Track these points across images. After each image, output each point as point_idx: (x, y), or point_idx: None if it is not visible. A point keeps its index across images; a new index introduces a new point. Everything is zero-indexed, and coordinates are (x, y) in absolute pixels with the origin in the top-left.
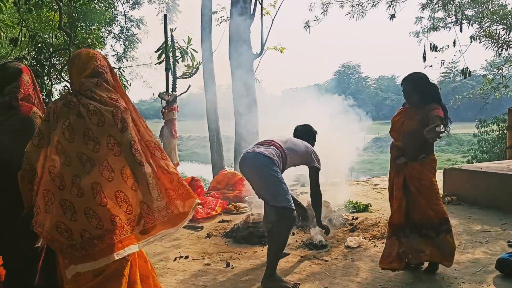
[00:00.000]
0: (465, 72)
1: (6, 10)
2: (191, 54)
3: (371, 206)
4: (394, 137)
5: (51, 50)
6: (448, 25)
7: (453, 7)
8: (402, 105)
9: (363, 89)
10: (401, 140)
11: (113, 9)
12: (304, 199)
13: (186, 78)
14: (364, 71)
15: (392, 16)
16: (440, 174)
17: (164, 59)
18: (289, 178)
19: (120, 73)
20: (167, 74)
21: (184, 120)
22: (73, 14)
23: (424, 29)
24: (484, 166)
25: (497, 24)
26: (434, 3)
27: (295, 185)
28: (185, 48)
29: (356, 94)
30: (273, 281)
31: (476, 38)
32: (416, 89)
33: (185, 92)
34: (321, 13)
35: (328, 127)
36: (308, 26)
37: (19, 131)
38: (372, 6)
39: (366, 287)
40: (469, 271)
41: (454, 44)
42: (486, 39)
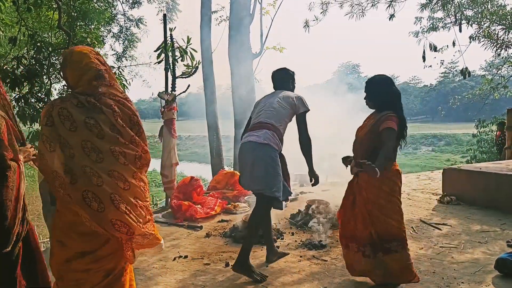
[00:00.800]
0: (465, 72)
1: (5, 9)
2: (191, 53)
3: None
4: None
5: (50, 49)
6: (447, 25)
7: (452, 7)
8: None
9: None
10: (352, 147)
11: (113, 8)
12: (304, 199)
13: (185, 77)
14: (363, 71)
15: (392, 16)
16: (439, 174)
17: (164, 59)
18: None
19: (120, 73)
20: (166, 73)
21: (184, 120)
22: (73, 13)
23: (423, 29)
24: (483, 166)
25: (496, 25)
26: (434, 3)
27: (294, 184)
28: (184, 47)
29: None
30: (244, 268)
31: (475, 38)
32: (373, 93)
33: (184, 91)
34: (321, 13)
35: (329, 127)
36: (308, 26)
37: None
38: (372, 6)
39: (364, 287)
40: (468, 271)
41: (454, 44)
42: (485, 39)
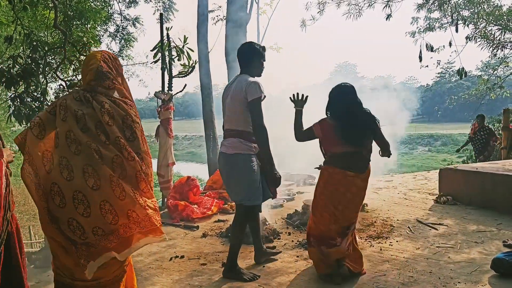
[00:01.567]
0: (461, 73)
1: (1, 8)
2: (187, 53)
3: (367, 206)
4: None
5: (46, 48)
6: (444, 26)
7: (449, 7)
8: None
9: (359, 89)
10: None
11: (109, 7)
12: (301, 199)
13: (182, 77)
14: (360, 71)
15: (389, 16)
16: (436, 174)
17: (160, 58)
18: (285, 177)
19: None
20: (163, 73)
21: (180, 120)
22: (69, 12)
23: (420, 29)
24: (479, 166)
25: (493, 25)
26: (430, 3)
27: (291, 184)
28: (181, 47)
29: None
30: (234, 272)
31: (472, 39)
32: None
33: (181, 91)
34: (318, 13)
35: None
36: (305, 25)
37: None
38: (369, 6)
39: (362, 287)
40: (464, 271)
41: (450, 44)
42: (482, 39)
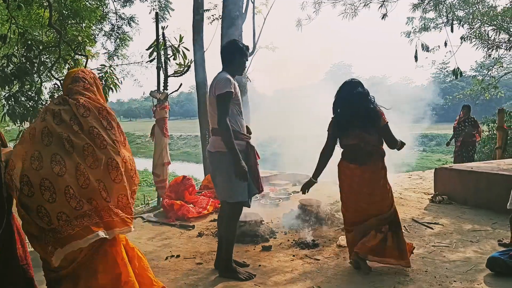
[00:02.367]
0: (456, 73)
1: None
2: (183, 52)
3: None
4: None
5: (41, 47)
6: (438, 26)
7: (444, 7)
8: None
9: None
10: None
11: (104, 6)
12: (296, 198)
13: (177, 76)
14: (355, 71)
15: (384, 16)
16: (431, 174)
17: (156, 57)
18: (280, 177)
19: (111, 71)
20: (158, 72)
21: (175, 119)
22: (64, 11)
23: (415, 29)
24: (475, 165)
25: (487, 25)
26: (426, 3)
27: (287, 184)
28: (176, 46)
29: None
30: (230, 271)
31: (467, 39)
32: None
33: (176, 90)
34: (313, 12)
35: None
36: (301, 25)
37: None
38: (364, 5)
39: (358, 286)
40: (460, 270)
41: (446, 44)
42: (477, 39)
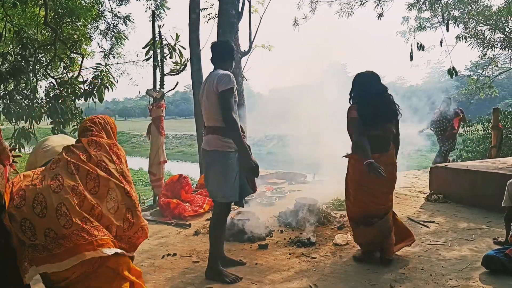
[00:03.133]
0: (452, 72)
1: None
2: (179, 51)
3: None
4: None
5: (36, 46)
6: (434, 25)
7: (439, 7)
8: None
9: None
10: None
11: (100, 5)
12: (293, 197)
13: (174, 75)
14: (350, 71)
15: (380, 15)
16: (426, 173)
17: (152, 56)
18: (276, 176)
19: (107, 70)
20: (154, 70)
21: (170, 119)
22: (59, 9)
23: (410, 28)
24: (470, 164)
25: (483, 25)
26: (421, 3)
27: (282, 183)
28: (173, 44)
29: None
30: (216, 272)
31: (462, 38)
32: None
33: (173, 89)
34: (310, 11)
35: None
36: (297, 24)
37: None
38: (360, 4)
39: (354, 284)
40: (456, 268)
41: (441, 43)
42: (472, 39)
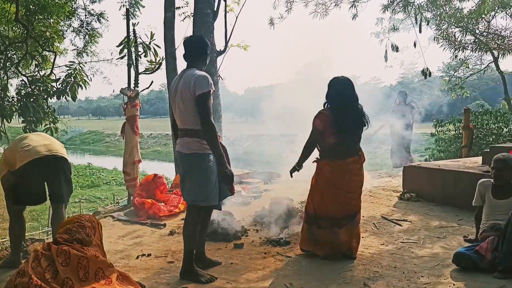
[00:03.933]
0: (425, 73)
1: None
2: (154, 49)
3: None
4: None
5: (7, 43)
6: (407, 27)
7: (412, 8)
8: None
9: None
10: None
11: (73, 2)
12: (268, 196)
13: (148, 73)
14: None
15: (355, 16)
16: (400, 172)
17: (126, 54)
18: (252, 175)
19: (80, 68)
20: (129, 69)
21: (145, 118)
22: (31, 6)
23: (385, 30)
24: (442, 164)
25: (454, 27)
26: (395, 4)
27: (258, 182)
28: (147, 43)
29: None
30: (191, 272)
31: (435, 40)
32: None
33: (148, 87)
34: (286, 11)
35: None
36: (273, 24)
37: None
38: (335, 5)
39: (329, 282)
40: (427, 265)
41: (415, 45)
42: (444, 41)
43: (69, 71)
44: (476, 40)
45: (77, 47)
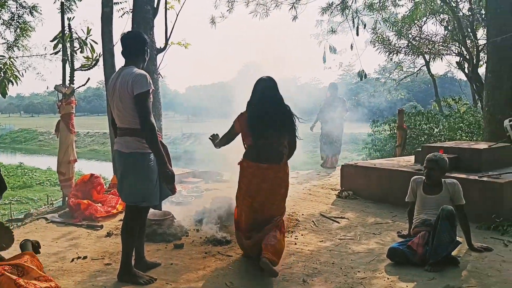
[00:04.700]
0: (361, 75)
1: None
2: (91, 45)
3: None
4: None
5: None
6: (345, 30)
7: (350, 12)
8: None
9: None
10: None
11: None
12: (209, 196)
13: (85, 70)
14: (266, 70)
15: (295, 18)
16: (338, 170)
17: (61, 50)
18: (193, 175)
19: (11, 63)
20: (64, 65)
21: (82, 116)
22: None
23: (323, 32)
24: (378, 162)
25: (389, 31)
26: (333, 7)
27: (199, 182)
28: (84, 39)
29: None
30: (129, 274)
31: (371, 43)
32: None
33: (84, 84)
34: (227, 11)
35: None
36: (214, 23)
37: None
38: (276, 6)
39: (269, 281)
40: (364, 261)
41: (352, 47)
42: (380, 44)
43: None
44: (409, 44)
45: (8, 40)
